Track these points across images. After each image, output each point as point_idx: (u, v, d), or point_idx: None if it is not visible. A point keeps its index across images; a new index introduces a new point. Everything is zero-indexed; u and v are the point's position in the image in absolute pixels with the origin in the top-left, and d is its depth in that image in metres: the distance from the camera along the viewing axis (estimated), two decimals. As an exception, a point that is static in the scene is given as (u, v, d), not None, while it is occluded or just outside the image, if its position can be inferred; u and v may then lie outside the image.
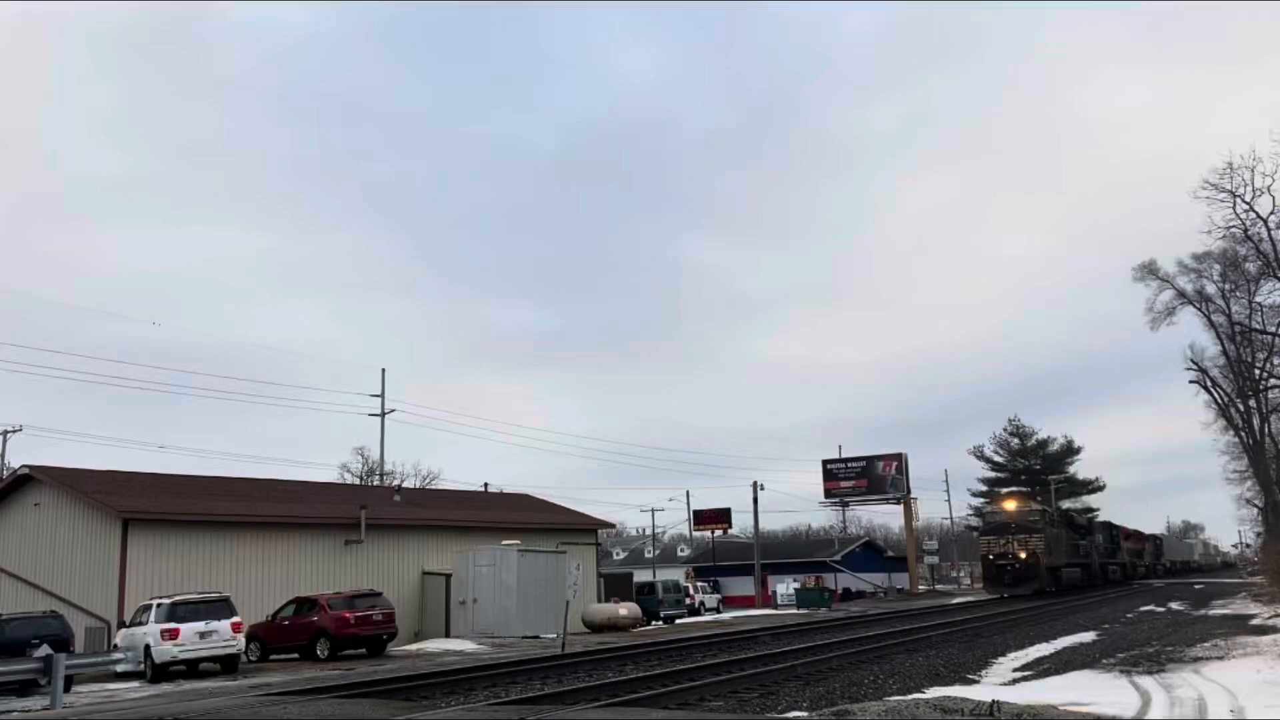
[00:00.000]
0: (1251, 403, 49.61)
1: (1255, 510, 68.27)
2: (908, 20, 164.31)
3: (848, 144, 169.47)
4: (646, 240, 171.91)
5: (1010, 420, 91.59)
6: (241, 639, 22.76)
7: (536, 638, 28.69)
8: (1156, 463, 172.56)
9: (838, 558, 64.85)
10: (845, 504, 70.31)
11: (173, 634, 21.13)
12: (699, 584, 53.70)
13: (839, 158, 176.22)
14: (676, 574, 56.47)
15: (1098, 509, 78.34)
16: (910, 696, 10.91)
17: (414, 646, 27.67)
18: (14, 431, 47.06)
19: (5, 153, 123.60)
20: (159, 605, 21.93)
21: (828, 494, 66.39)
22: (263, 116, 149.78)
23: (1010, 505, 45.08)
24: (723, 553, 66.37)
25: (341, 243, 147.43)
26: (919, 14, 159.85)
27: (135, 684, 20.59)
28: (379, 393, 46.94)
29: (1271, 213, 39.88)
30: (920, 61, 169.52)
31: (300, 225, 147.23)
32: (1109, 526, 60.62)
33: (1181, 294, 47.50)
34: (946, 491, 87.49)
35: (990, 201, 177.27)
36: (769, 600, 54.95)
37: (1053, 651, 17.03)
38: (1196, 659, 14.83)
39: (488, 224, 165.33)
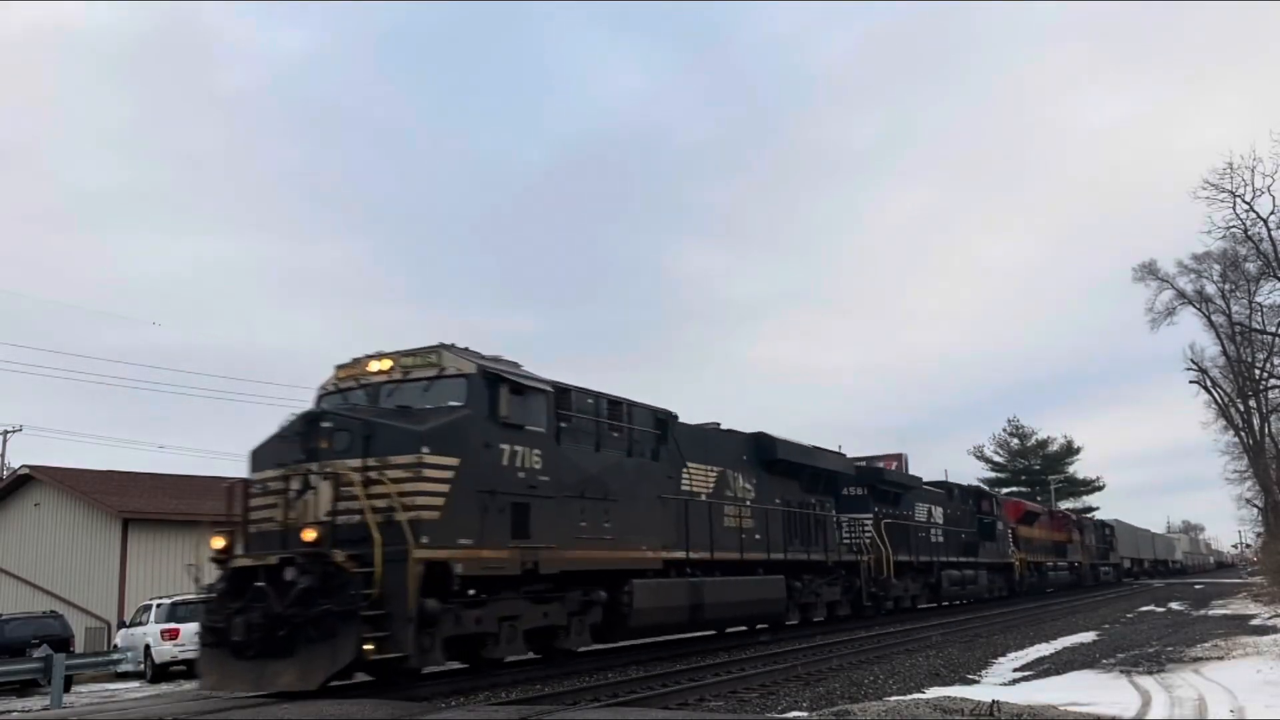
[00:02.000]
0: (1251, 403, 49.57)
1: (1255, 510, 68.26)
2: (890, 37, 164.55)
3: (836, 155, 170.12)
4: (639, 247, 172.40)
5: (1010, 420, 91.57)
6: (241, 639, 22.71)
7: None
8: (1156, 463, 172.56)
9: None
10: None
11: (173, 634, 21.16)
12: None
13: (831, 167, 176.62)
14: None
15: (1097, 508, 78.14)
16: (910, 696, 10.92)
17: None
18: (14, 431, 47.06)
19: (11, 161, 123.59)
20: (159, 605, 21.95)
21: (827, 494, 65.88)
22: (264, 131, 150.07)
23: (380, 365, 13.09)
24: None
25: (340, 250, 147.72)
26: (902, 30, 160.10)
27: (135, 684, 20.61)
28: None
29: (1272, 213, 39.87)
30: (904, 76, 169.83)
31: (300, 233, 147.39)
32: (975, 493, 35.42)
33: (1181, 294, 47.46)
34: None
35: (983, 208, 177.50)
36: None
37: (1053, 652, 17.03)
38: (1196, 659, 14.83)
39: (484, 232, 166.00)
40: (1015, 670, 14.57)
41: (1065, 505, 70.36)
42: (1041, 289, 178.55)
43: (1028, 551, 39.78)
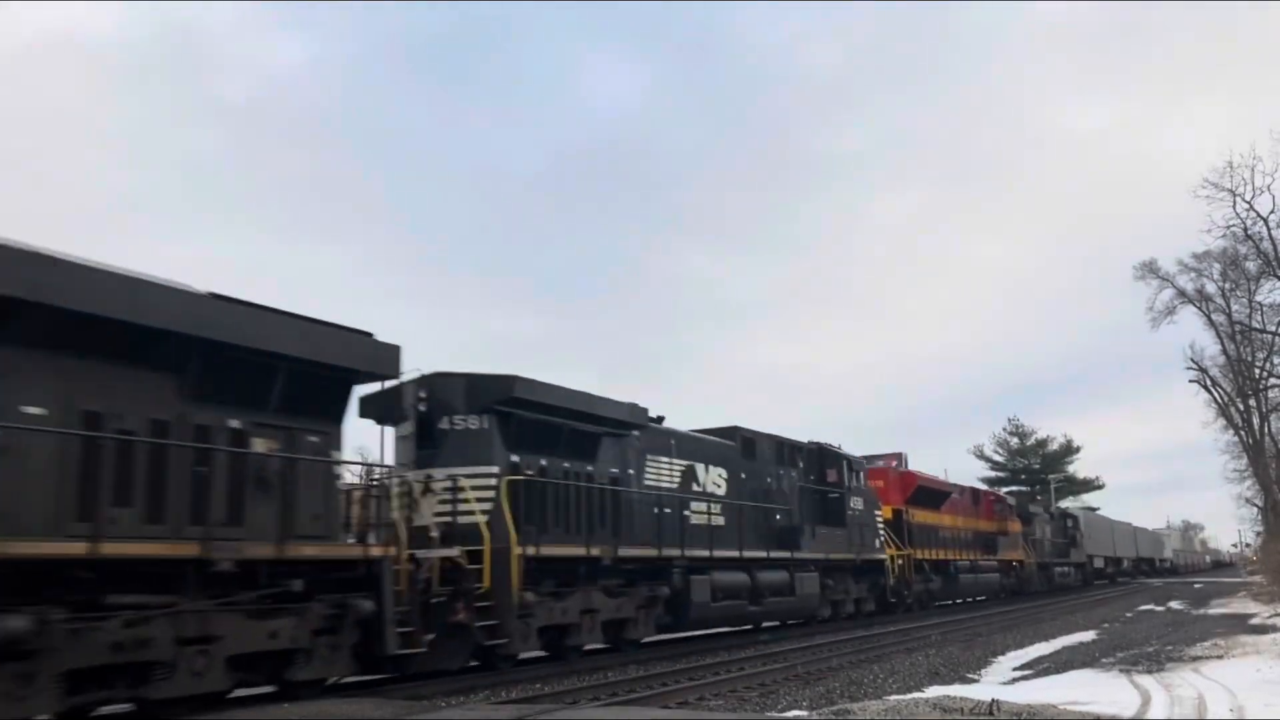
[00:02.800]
0: (1251, 402, 49.48)
1: (1255, 510, 68.16)
2: (874, 45, 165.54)
3: (827, 159, 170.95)
4: (634, 249, 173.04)
5: (1010, 420, 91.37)
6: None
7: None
8: (1157, 462, 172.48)
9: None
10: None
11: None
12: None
13: (823, 171, 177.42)
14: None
15: (1097, 508, 78.03)
16: (910, 696, 10.93)
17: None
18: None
19: (14, 167, 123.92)
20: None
21: (826, 493, 65.30)
22: (264, 137, 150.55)
23: None
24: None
25: (339, 256, 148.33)
26: (887, 38, 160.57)
27: None
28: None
29: (1272, 212, 39.72)
30: (891, 83, 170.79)
31: (300, 236, 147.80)
32: (811, 454, 23.02)
33: (1181, 293, 47.30)
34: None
35: (977, 209, 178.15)
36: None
37: (1052, 651, 17.04)
38: (1196, 658, 14.85)
39: (481, 235, 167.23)
40: (1015, 669, 14.58)
41: (1065, 504, 69.68)
42: (1041, 288, 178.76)
43: (925, 545, 28.42)
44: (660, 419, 17.59)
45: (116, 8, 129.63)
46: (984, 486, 40.60)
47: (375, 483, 11.77)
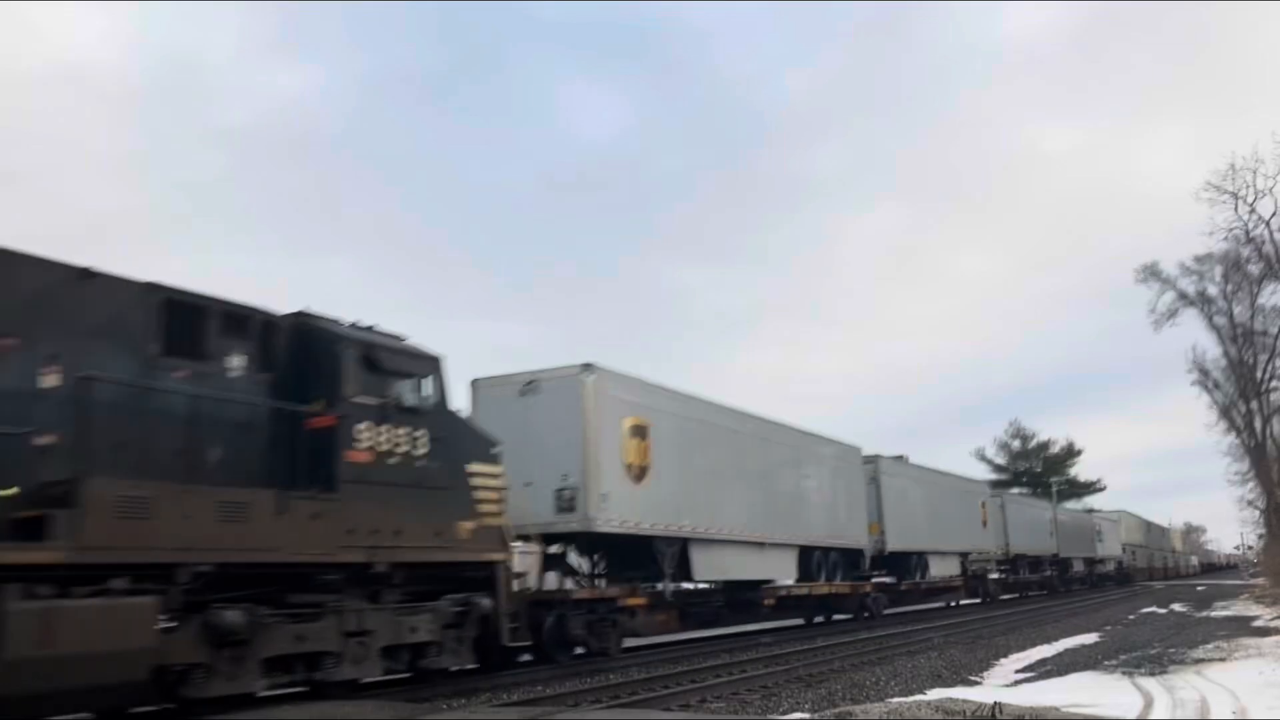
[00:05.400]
0: (1253, 404, 49.47)
1: (1257, 512, 68.08)
2: (847, 75, 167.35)
3: (821, 179, 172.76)
4: (626, 263, 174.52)
5: (1011, 423, 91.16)
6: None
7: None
8: (1158, 465, 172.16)
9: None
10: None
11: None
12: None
13: (814, 191, 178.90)
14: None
15: (1098, 509, 77.84)
16: (912, 698, 10.91)
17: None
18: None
19: (27, 187, 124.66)
20: None
21: (828, 495, 64.84)
22: (263, 160, 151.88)
23: None
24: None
25: (337, 267, 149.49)
26: (859, 67, 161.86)
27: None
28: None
29: (1274, 214, 39.72)
30: (864, 108, 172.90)
31: (301, 251, 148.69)
32: None
33: (1183, 296, 47.30)
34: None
35: (968, 221, 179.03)
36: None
37: (1054, 653, 17.02)
38: (1199, 660, 14.83)
39: (477, 250, 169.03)
40: (1017, 671, 14.56)
41: (1069, 506, 68.29)
42: (1040, 292, 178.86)
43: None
44: None
45: (122, 39, 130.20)
46: None
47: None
